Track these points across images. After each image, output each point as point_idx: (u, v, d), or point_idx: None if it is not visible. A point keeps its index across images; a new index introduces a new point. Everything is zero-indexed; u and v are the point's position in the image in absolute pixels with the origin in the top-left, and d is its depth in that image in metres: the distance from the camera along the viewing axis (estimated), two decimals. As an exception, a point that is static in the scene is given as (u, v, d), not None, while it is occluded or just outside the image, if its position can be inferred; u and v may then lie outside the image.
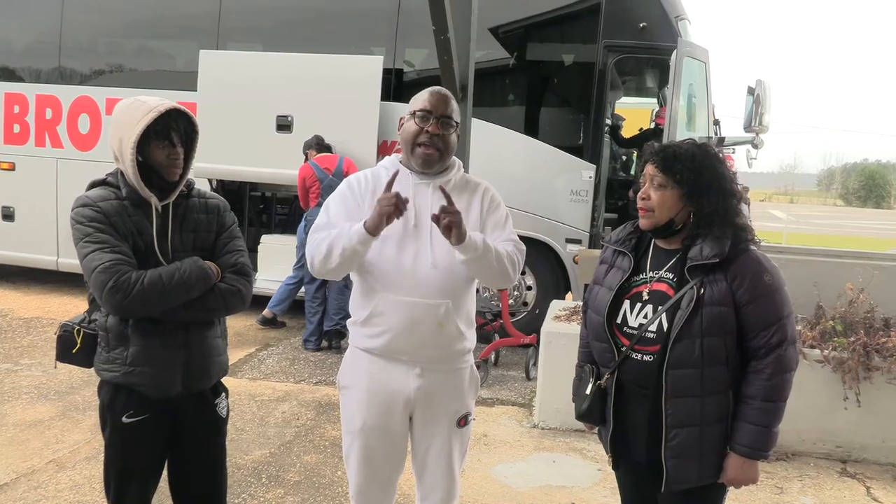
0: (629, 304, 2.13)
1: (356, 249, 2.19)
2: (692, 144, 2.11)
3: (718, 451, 2.05)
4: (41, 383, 5.01)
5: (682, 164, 2.03)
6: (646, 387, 2.07)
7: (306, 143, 6.40)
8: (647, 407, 2.07)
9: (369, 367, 2.34)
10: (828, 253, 5.44)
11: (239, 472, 3.80)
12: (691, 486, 2.07)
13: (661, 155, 2.07)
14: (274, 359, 5.94)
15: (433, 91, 2.31)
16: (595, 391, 2.18)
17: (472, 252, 2.18)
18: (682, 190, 2.04)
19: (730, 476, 2.05)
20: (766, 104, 6.38)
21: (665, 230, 2.10)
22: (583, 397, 2.21)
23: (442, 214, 2.11)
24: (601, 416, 2.19)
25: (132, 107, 2.17)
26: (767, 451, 2.03)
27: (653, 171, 2.07)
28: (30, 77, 7.92)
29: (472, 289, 2.39)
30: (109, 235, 2.13)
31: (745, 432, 2.01)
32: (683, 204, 2.06)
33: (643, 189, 2.10)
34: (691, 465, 2.05)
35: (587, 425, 2.32)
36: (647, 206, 2.08)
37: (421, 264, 2.25)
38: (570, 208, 6.57)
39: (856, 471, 4.15)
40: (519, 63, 7.01)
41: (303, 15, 7.30)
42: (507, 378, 5.72)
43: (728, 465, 2.05)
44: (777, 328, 2.00)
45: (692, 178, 2.03)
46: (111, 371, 2.22)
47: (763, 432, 2.00)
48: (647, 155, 2.12)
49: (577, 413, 2.25)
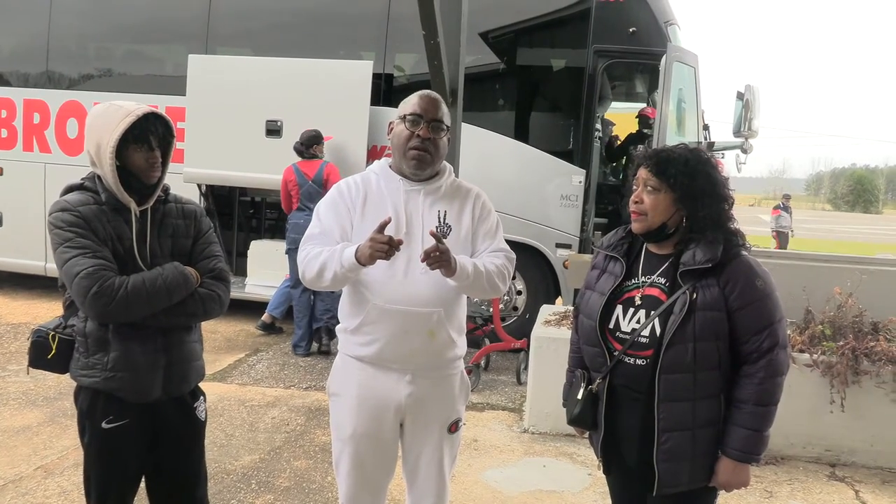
0: (621, 308, 2.13)
1: (347, 276, 2.21)
2: (685, 149, 2.12)
3: (710, 455, 2.06)
4: (29, 389, 4.96)
5: (676, 168, 2.04)
6: (638, 391, 2.07)
7: (312, 137, 6.25)
8: (639, 411, 2.07)
9: (359, 375, 2.32)
10: (816, 257, 5.47)
11: (228, 478, 3.77)
12: (682, 489, 2.07)
13: (655, 159, 2.07)
14: (264, 364, 5.91)
15: (423, 95, 2.31)
16: (587, 396, 2.18)
17: (463, 280, 2.21)
18: (676, 194, 2.04)
19: (721, 480, 2.06)
20: (756, 109, 6.42)
21: (657, 234, 2.10)
22: (574, 402, 2.21)
23: (431, 256, 2.10)
24: (593, 420, 2.19)
25: (109, 111, 2.17)
26: (759, 454, 2.03)
27: (646, 174, 2.07)
28: (17, 81, 7.88)
29: (463, 296, 2.39)
30: (90, 240, 2.11)
31: (736, 436, 2.02)
32: (676, 208, 2.06)
33: (636, 193, 2.10)
34: (682, 469, 2.05)
35: (578, 430, 2.32)
36: (640, 210, 2.08)
37: (413, 273, 2.24)
38: (560, 213, 6.59)
39: (844, 474, 4.17)
40: (509, 68, 7.03)
41: (292, 19, 7.29)
42: (498, 383, 5.71)
43: (719, 468, 2.05)
44: (769, 333, 2.00)
45: (686, 183, 2.03)
46: (90, 377, 2.20)
47: (754, 436, 2.01)
48: (640, 159, 2.12)
49: (569, 418, 2.24)
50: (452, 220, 2.31)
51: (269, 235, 7.68)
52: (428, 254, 2.10)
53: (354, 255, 2.14)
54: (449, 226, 2.30)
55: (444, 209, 2.32)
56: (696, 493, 2.10)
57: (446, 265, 2.12)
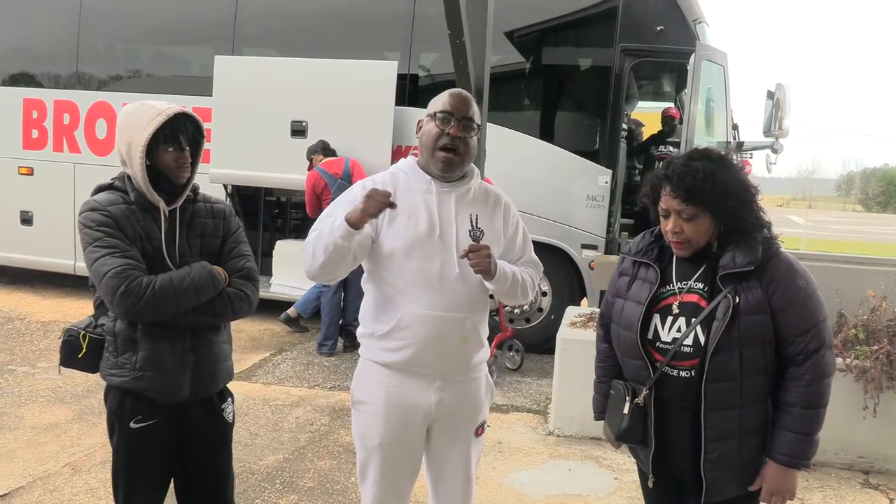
0: (659, 318, 2.05)
1: (339, 244, 2.08)
2: (704, 160, 1.99)
3: (757, 461, 2.00)
4: (58, 386, 5.03)
5: (707, 190, 1.94)
6: (686, 402, 2.00)
7: (311, 148, 6.39)
8: (687, 421, 2.00)
9: (386, 382, 2.26)
10: (848, 259, 5.35)
11: (253, 478, 3.78)
12: (730, 496, 2.02)
13: (682, 186, 1.95)
14: (288, 363, 5.93)
15: (453, 93, 2.26)
16: (634, 409, 2.08)
17: (501, 285, 2.21)
18: (713, 213, 1.97)
19: (769, 486, 1.98)
20: (786, 108, 6.31)
21: (703, 252, 2.03)
22: (620, 417, 2.10)
23: (471, 255, 2.10)
24: (642, 434, 2.10)
25: (140, 111, 2.18)
26: (808, 459, 1.97)
27: (678, 205, 1.96)
28: (48, 83, 7.99)
29: (488, 300, 2.37)
30: (119, 240, 2.12)
31: (784, 440, 1.95)
32: (717, 224, 1.99)
33: (672, 223, 1.99)
34: (730, 477, 2.00)
35: (613, 443, 2.23)
36: (682, 240, 2.00)
37: (447, 277, 2.19)
38: (585, 214, 6.52)
39: (878, 482, 4.07)
40: (535, 67, 6.98)
41: (318, 20, 7.31)
42: (523, 384, 5.67)
43: (766, 474, 1.98)
44: (814, 333, 1.95)
45: (720, 200, 1.95)
46: (119, 376, 2.21)
47: (803, 440, 1.95)
48: (659, 182, 2.01)
49: (616, 433, 2.14)
50: (484, 225, 2.27)
51: (294, 235, 7.70)
52: (472, 252, 2.09)
53: (345, 218, 2.07)
54: (482, 230, 2.26)
55: (476, 213, 2.28)
56: (743, 498, 2.04)
57: (487, 268, 2.11)
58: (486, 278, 2.16)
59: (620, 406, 2.11)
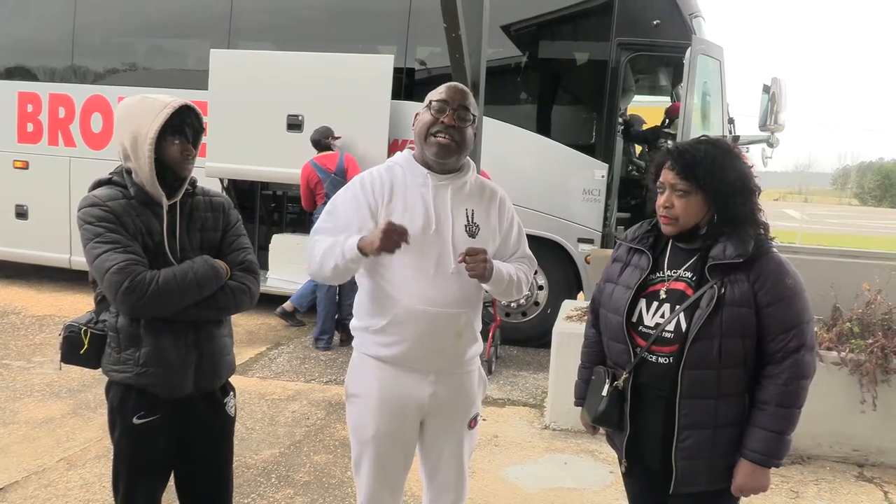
0: (645, 302, 2.08)
1: (349, 267, 2.16)
2: (709, 144, 2.04)
3: (729, 456, 2.00)
4: (53, 381, 5.02)
5: (704, 169, 1.97)
6: (661, 388, 2.02)
7: (322, 132, 6.33)
8: (661, 409, 2.02)
9: (380, 375, 2.27)
10: (844, 253, 5.36)
11: (248, 472, 3.78)
12: (701, 489, 2.02)
13: (681, 161, 2.00)
14: (284, 358, 5.93)
15: (450, 84, 2.26)
16: (612, 393, 2.10)
17: (497, 286, 2.22)
18: (707, 194, 1.99)
19: (739, 483, 1.99)
20: (782, 102, 6.30)
21: (689, 235, 2.05)
22: (598, 399, 2.14)
23: (468, 259, 2.10)
24: (618, 419, 2.13)
25: (144, 103, 2.16)
26: (780, 458, 1.97)
27: (673, 178, 2.00)
28: (43, 76, 7.96)
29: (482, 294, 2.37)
30: (120, 235, 2.10)
31: (757, 438, 1.96)
32: (708, 207, 2.00)
33: (664, 197, 2.03)
34: (701, 468, 2.00)
35: (589, 427, 2.26)
36: (671, 215, 2.02)
37: (442, 272, 2.19)
38: (582, 208, 6.52)
39: (873, 475, 4.09)
40: (531, 61, 6.97)
41: (314, 14, 7.29)
42: (519, 378, 5.68)
43: (738, 471, 1.99)
44: (796, 332, 1.95)
45: (716, 182, 1.97)
46: (122, 372, 2.20)
47: (776, 438, 1.95)
48: (664, 159, 2.05)
49: (592, 416, 2.17)
50: (480, 220, 2.27)
51: (290, 229, 7.70)
52: (469, 256, 2.09)
53: (357, 245, 2.09)
54: (478, 225, 2.26)
55: (472, 208, 2.27)
56: (717, 494, 2.04)
57: (481, 273, 2.11)
58: (480, 281, 2.17)
59: (599, 389, 2.14)
